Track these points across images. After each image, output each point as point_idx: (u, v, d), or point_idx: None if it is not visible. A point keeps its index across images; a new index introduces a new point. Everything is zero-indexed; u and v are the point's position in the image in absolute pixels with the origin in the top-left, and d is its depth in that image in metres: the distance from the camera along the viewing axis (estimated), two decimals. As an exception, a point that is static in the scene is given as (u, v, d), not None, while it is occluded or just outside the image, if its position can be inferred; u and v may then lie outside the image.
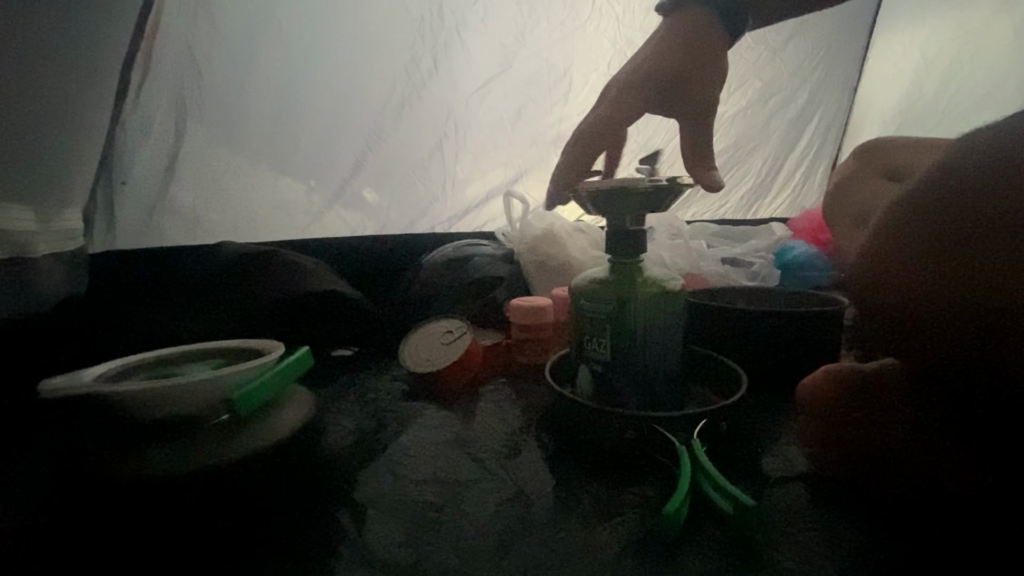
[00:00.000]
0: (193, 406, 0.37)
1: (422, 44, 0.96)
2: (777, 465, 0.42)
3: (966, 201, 0.26)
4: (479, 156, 1.08)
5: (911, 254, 0.28)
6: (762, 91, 1.36)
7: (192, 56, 0.78)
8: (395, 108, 0.98)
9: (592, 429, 0.45)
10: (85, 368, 0.40)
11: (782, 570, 0.30)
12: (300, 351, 0.44)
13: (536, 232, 0.83)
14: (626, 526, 0.34)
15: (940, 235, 0.27)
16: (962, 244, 0.25)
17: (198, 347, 0.47)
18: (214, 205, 0.88)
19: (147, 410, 0.37)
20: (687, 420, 0.41)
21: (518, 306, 0.67)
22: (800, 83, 1.42)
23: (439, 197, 1.07)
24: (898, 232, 0.29)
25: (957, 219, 0.26)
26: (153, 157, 0.79)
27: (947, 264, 0.26)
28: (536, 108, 1.09)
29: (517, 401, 0.56)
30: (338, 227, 1.00)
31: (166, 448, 0.35)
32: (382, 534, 0.34)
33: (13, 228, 0.54)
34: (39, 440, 0.45)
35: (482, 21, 0.99)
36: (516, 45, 1.04)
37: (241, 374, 0.39)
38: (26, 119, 0.53)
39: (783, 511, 0.36)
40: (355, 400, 0.57)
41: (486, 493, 0.39)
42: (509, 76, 1.05)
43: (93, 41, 0.59)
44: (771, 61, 1.35)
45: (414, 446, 0.46)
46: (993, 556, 0.31)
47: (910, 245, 0.28)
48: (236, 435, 0.37)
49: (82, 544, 0.33)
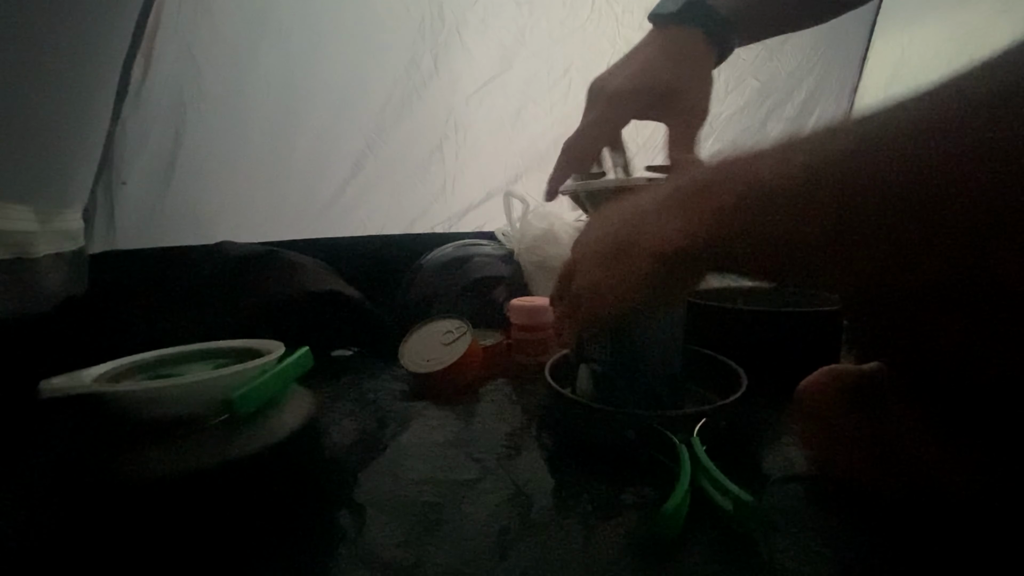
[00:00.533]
0: (193, 406, 0.37)
1: (422, 44, 0.96)
2: (777, 465, 0.42)
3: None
4: (479, 156, 1.08)
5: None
6: (759, 91, 1.36)
7: (192, 56, 0.78)
8: (395, 108, 0.98)
9: (592, 429, 0.45)
10: (85, 368, 0.40)
11: (782, 570, 0.30)
12: (300, 351, 0.44)
13: (536, 232, 0.83)
14: (626, 526, 0.35)
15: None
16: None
17: (198, 347, 0.47)
18: (214, 205, 0.88)
19: (147, 410, 0.37)
20: (687, 419, 0.41)
21: (518, 306, 0.67)
22: (797, 83, 1.41)
23: (439, 197, 1.07)
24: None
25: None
26: (153, 157, 0.80)
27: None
28: (536, 108, 1.09)
29: (517, 401, 0.57)
30: (338, 227, 1.00)
31: (166, 448, 0.35)
32: (382, 534, 0.34)
33: (13, 228, 0.54)
34: (39, 440, 0.45)
35: (482, 21, 0.99)
36: (516, 45, 1.04)
37: (241, 374, 0.39)
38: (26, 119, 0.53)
39: (783, 511, 0.36)
40: (355, 400, 0.57)
41: (486, 493, 0.39)
42: (509, 76, 1.05)
43: (93, 41, 0.59)
44: (768, 61, 1.35)
45: (414, 446, 0.47)
46: (993, 556, 0.31)
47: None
48: (236, 435, 0.37)
49: (82, 544, 0.33)
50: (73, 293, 0.67)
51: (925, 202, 0.23)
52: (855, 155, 0.25)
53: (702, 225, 0.31)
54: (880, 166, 0.24)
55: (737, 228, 0.30)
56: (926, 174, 0.23)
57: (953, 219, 0.23)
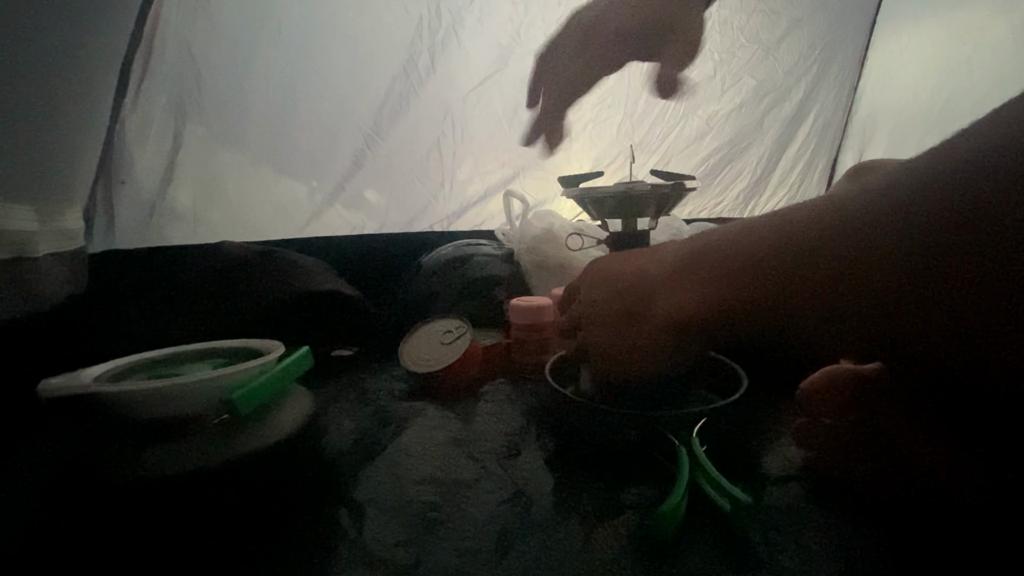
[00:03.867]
0: (193, 406, 0.37)
1: (420, 43, 0.96)
2: (777, 465, 0.42)
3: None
4: (477, 154, 1.08)
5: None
6: (756, 89, 1.36)
7: (191, 56, 0.78)
8: (393, 107, 0.98)
9: (592, 429, 0.45)
10: (85, 368, 0.40)
11: (782, 570, 0.30)
12: (300, 351, 0.44)
13: (536, 232, 0.83)
14: (626, 526, 0.35)
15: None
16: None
17: (198, 347, 0.47)
18: (214, 205, 0.88)
19: (147, 410, 0.37)
20: (687, 419, 0.42)
21: (518, 306, 0.67)
22: (795, 81, 1.42)
23: (437, 195, 1.07)
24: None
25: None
26: (153, 157, 0.80)
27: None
28: (533, 107, 1.10)
29: (517, 401, 0.57)
30: (338, 226, 1.00)
31: (166, 448, 0.35)
32: (382, 534, 0.34)
33: (14, 228, 0.54)
34: (39, 440, 0.45)
35: (479, 20, 0.99)
36: (512, 44, 1.04)
37: (241, 374, 0.39)
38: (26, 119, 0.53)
39: (783, 511, 0.36)
40: (355, 400, 0.57)
41: (486, 493, 0.39)
42: (506, 75, 1.05)
43: (93, 40, 0.59)
44: (765, 59, 1.35)
45: (414, 446, 0.47)
46: (993, 556, 0.31)
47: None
48: (236, 435, 0.37)
49: (82, 544, 0.33)
50: (73, 293, 0.67)
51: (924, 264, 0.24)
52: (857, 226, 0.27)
53: (716, 293, 0.32)
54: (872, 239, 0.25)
55: (747, 295, 0.31)
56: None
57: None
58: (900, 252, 0.24)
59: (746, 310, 0.32)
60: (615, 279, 0.41)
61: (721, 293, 0.33)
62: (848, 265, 0.26)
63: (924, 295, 0.24)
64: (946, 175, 0.23)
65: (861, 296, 0.26)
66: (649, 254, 0.42)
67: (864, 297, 0.26)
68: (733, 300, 0.32)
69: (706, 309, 0.33)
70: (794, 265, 0.29)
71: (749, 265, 0.32)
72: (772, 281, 0.30)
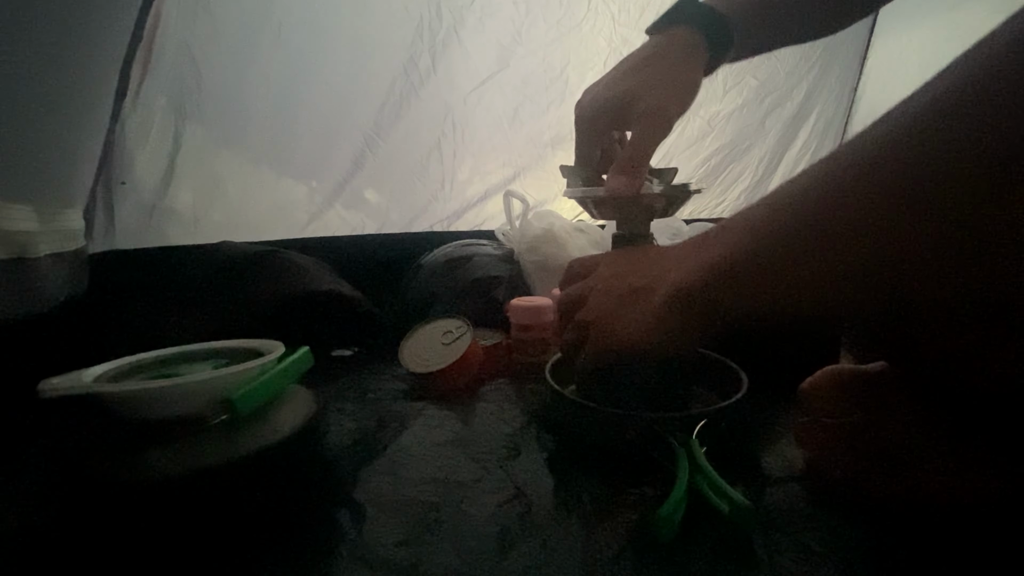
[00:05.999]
0: (193, 406, 0.37)
1: (420, 44, 0.96)
2: (777, 465, 0.42)
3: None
4: (477, 155, 1.08)
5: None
6: (758, 90, 1.36)
7: (191, 55, 0.78)
8: (394, 107, 0.98)
9: (592, 429, 0.45)
10: (85, 368, 0.40)
11: (782, 570, 0.30)
12: (300, 351, 0.44)
13: (536, 232, 0.83)
14: (626, 526, 0.35)
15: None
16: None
17: (198, 347, 0.47)
18: (214, 205, 0.88)
19: (147, 410, 0.37)
20: (687, 421, 0.41)
21: (518, 306, 0.67)
22: (797, 82, 1.42)
23: (437, 196, 1.07)
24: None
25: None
26: (153, 157, 0.80)
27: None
28: (533, 107, 1.09)
29: (517, 401, 0.57)
30: (338, 226, 1.00)
31: (166, 448, 0.35)
32: (382, 534, 0.34)
33: (14, 228, 0.54)
34: (39, 440, 0.45)
35: (480, 21, 0.99)
36: (513, 44, 1.04)
37: (241, 374, 0.39)
38: (26, 119, 0.53)
39: (783, 511, 0.36)
40: (355, 400, 0.57)
41: (486, 493, 0.39)
42: (506, 75, 1.05)
43: (93, 40, 0.59)
44: (766, 60, 1.35)
45: (414, 446, 0.47)
46: (993, 556, 0.31)
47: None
48: (236, 435, 0.37)
49: (82, 544, 0.33)
50: (73, 293, 0.67)
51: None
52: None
53: (718, 253, 0.33)
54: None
55: (748, 248, 0.32)
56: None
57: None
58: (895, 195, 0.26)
59: (748, 268, 0.32)
60: (638, 258, 0.42)
61: (722, 252, 0.33)
62: (846, 216, 0.28)
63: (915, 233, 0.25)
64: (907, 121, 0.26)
65: (862, 245, 0.27)
66: (660, 249, 0.43)
67: (864, 245, 0.27)
68: (733, 259, 0.33)
69: (708, 272, 0.33)
70: (792, 218, 0.30)
71: (748, 224, 0.33)
72: (771, 238, 0.31)
